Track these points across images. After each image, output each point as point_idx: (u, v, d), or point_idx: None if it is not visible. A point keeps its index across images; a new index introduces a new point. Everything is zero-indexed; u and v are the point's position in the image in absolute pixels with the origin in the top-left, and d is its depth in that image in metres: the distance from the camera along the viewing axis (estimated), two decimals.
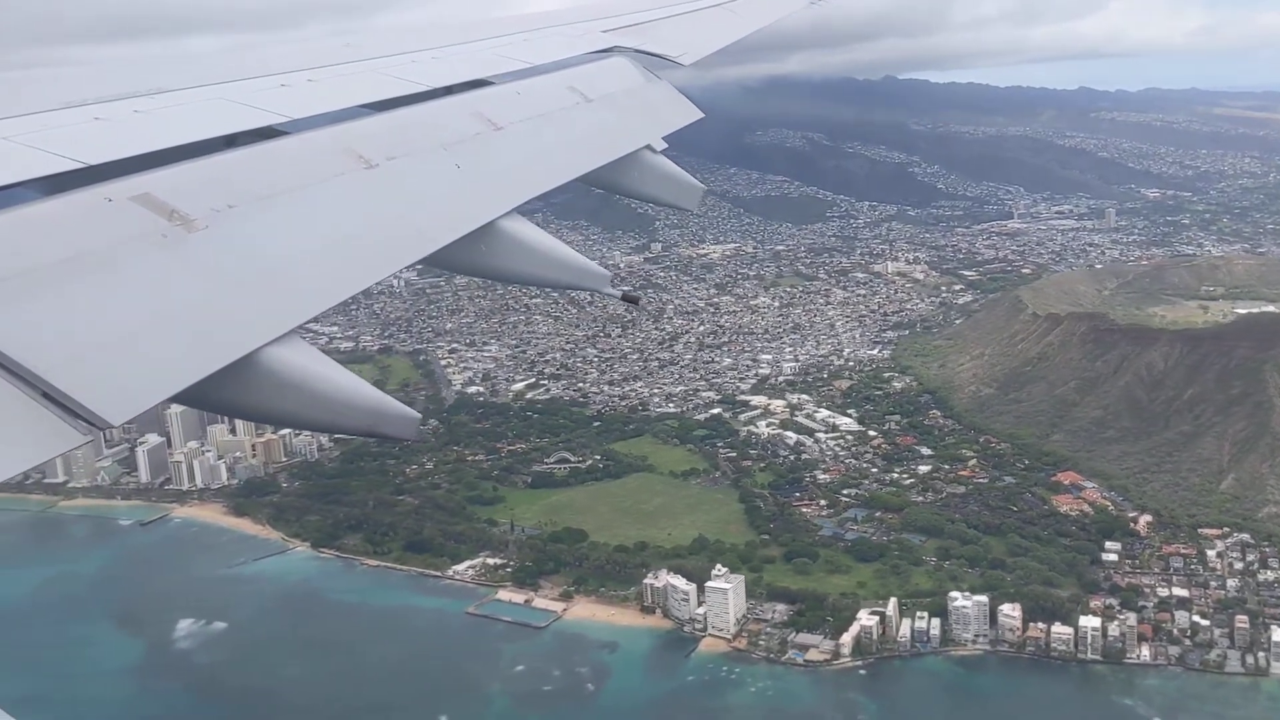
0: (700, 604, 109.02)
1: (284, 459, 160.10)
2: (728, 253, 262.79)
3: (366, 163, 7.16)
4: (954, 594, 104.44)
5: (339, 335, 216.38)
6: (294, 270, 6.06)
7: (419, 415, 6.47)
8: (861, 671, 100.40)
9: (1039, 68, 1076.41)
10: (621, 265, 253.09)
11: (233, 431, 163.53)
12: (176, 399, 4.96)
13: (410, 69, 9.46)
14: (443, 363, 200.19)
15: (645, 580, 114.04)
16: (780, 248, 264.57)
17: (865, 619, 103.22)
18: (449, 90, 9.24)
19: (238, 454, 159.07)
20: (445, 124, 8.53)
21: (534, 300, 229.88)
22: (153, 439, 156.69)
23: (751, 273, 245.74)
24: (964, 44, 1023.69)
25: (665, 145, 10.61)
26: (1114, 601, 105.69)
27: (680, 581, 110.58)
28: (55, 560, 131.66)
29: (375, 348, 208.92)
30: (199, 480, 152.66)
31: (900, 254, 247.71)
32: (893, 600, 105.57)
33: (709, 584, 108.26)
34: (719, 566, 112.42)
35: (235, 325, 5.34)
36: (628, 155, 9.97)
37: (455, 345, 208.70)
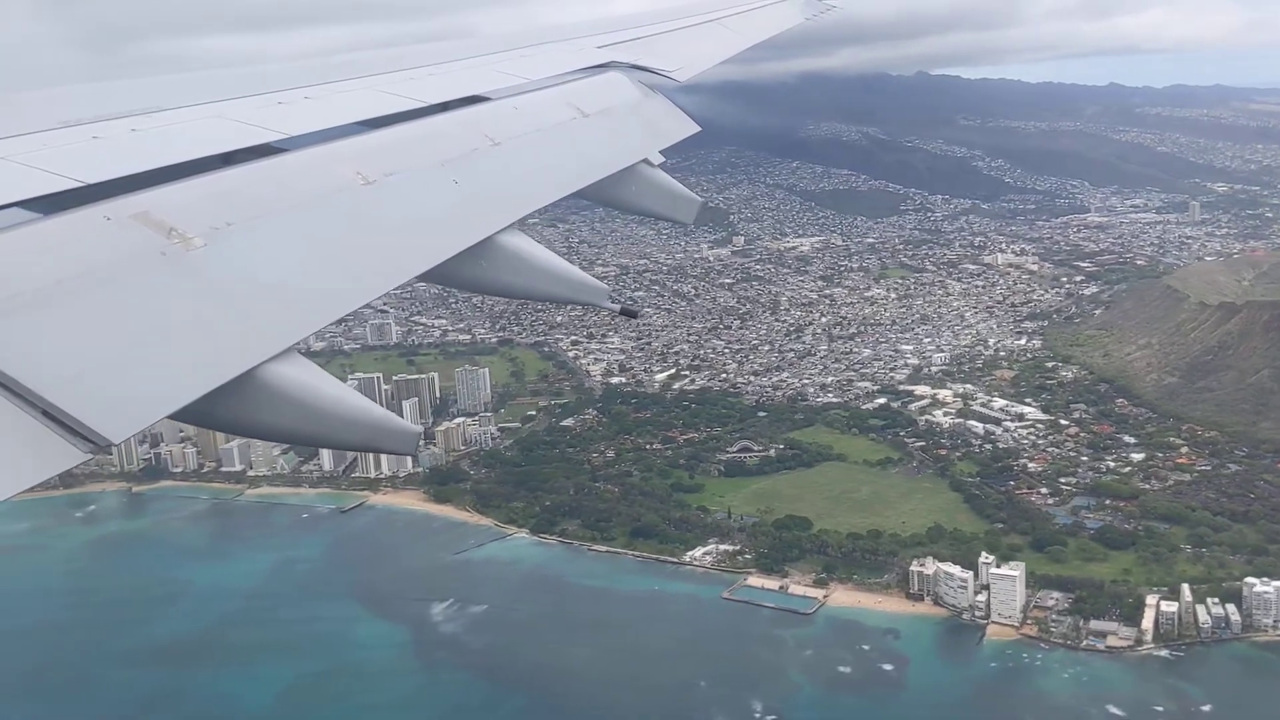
0: (978, 591, 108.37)
1: (462, 447, 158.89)
2: (816, 245, 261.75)
3: (364, 179, 7.18)
4: (1250, 579, 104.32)
5: (450, 328, 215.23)
6: (293, 287, 6.04)
7: (420, 430, 6.69)
8: (1167, 657, 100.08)
9: (1063, 64, 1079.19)
10: (710, 259, 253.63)
11: None
12: (177, 416, 4.90)
13: (407, 85, 9.51)
14: (570, 354, 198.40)
15: (911, 567, 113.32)
16: (870, 240, 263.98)
17: (1164, 605, 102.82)
18: (446, 106, 9.25)
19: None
20: (443, 140, 8.58)
21: (637, 294, 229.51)
22: None
23: (853, 265, 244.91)
24: (995, 41, 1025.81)
25: (662, 159, 10.63)
26: None
27: (956, 569, 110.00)
28: (275, 546, 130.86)
29: (494, 340, 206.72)
30: (385, 468, 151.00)
31: (1005, 246, 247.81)
32: (1184, 586, 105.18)
33: (994, 570, 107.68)
34: (985, 554, 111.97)
35: (235, 342, 5.31)
36: (625, 169, 10.01)
37: (575, 337, 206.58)
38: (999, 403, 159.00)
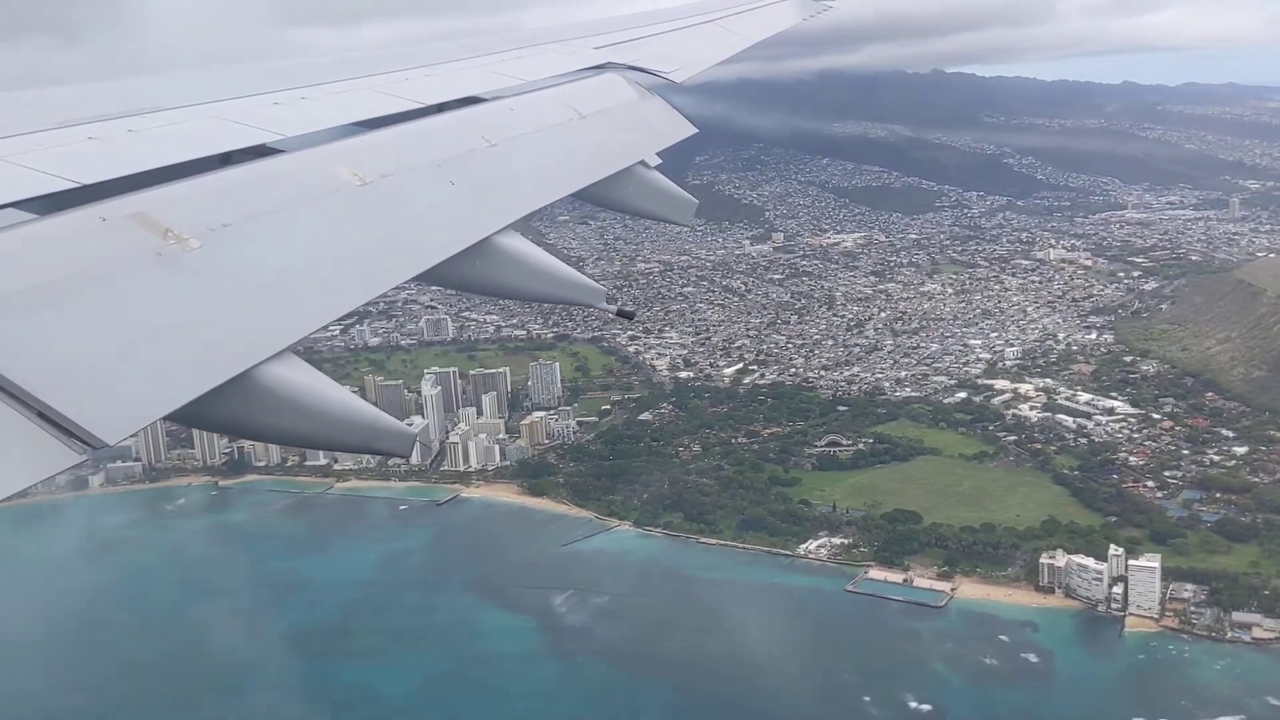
0: (1113, 583, 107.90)
1: (545, 440, 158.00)
2: (859, 241, 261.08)
3: (360, 180, 7.21)
4: None
5: (504, 324, 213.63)
6: (289, 288, 6.07)
7: (415, 432, 6.46)
8: None
9: (1073, 62, 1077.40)
10: (753, 255, 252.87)
11: (479, 413, 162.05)
12: (172, 417, 4.94)
13: (403, 86, 9.57)
14: (630, 349, 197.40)
15: (1041, 559, 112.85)
16: (913, 236, 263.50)
17: None
18: (442, 107, 9.29)
19: (500, 435, 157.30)
20: (439, 141, 8.63)
21: (686, 289, 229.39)
22: (417, 420, 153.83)
23: (902, 261, 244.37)
24: (1021, 38, 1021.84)
25: (659, 161, 10.64)
26: None
27: (1090, 561, 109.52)
28: (379, 539, 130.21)
29: (550, 335, 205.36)
30: (473, 461, 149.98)
31: (1055, 241, 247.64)
32: None
33: (1132, 562, 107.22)
34: (1114, 547, 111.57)
35: (230, 343, 5.34)
36: (622, 171, 10.04)
37: (633, 333, 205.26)
38: (1084, 396, 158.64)
